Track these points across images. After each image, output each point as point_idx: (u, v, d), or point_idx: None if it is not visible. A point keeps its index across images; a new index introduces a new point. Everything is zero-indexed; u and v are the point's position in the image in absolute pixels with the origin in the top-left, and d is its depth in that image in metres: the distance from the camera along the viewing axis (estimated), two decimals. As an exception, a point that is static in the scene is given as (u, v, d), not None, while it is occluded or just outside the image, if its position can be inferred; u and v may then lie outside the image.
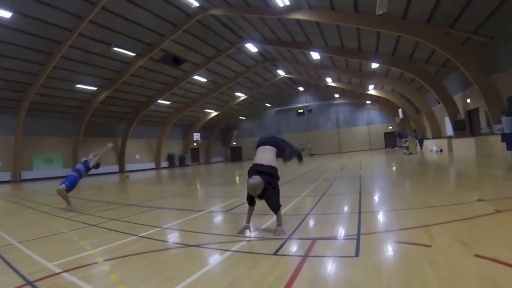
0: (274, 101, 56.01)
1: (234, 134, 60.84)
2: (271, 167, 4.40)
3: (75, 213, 7.41)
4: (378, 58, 24.56)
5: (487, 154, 15.56)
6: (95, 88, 29.54)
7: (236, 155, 61.43)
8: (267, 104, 56.00)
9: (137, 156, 41.62)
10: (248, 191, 4.13)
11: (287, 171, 18.97)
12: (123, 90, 31.71)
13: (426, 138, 32.24)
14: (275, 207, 4.23)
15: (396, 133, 44.16)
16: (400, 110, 39.34)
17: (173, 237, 4.67)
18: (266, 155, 4.61)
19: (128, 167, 38.74)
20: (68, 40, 21.86)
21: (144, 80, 31.94)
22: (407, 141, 25.84)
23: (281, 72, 41.71)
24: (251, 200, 4.36)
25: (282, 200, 4.36)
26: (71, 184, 8.22)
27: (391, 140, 47.86)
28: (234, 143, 61.62)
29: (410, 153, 24.80)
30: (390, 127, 49.27)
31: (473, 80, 17.43)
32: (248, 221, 4.44)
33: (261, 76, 41.99)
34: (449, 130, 27.08)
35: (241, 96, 45.84)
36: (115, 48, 24.41)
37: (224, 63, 34.35)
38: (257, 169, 4.31)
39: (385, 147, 48.69)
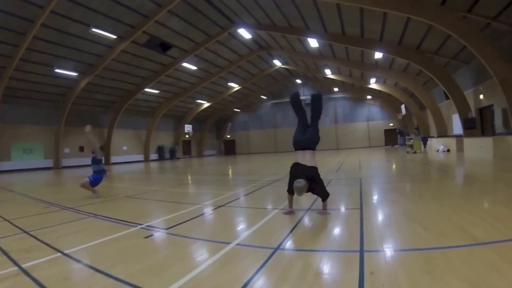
0: (270, 93, 53.82)
1: (228, 127, 58.61)
2: (312, 167, 5.37)
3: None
4: (383, 47, 22.28)
5: (506, 157, 13.36)
6: (75, 74, 27.34)
7: (229, 149, 59.46)
8: (262, 96, 53.72)
9: (125, 148, 39.63)
10: (294, 189, 4.93)
11: (274, 168, 16.99)
12: (107, 77, 29.57)
13: (430, 137, 29.98)
14: (324, 195, 5.28)
15: (397, 131, 42.28)
16: (402, 106, 37.09)
17: None
18: (306, 156, 5.52)
19: (114, 159, 36.76)
20: (39, 18, 19.45)
21: (130, 66, 29.70)
22: (411, 139, 23.57)
23: (277, 62, 39.34)
24: (291, 190, 5.23)
25: (249, 213, 5.04)
26: (95, 182, 9.04)
27: (391, 137, 45.74)
28: (228, 136, 59.45)
29: (414, 152, 22.57)
30: (391, 124, 47.09)
31: (493, 72, 15.17)
32: (291, 206, 5.49)
33: (256, 66, 39.63)
34: (456, 128, 25.01)
35: (235, 86, 43.53)
36: (94, 29, 21.95)
37: (215, 50, 31.99)
38: (301, 169, 5.27)
39: (385, 145, 46.58)
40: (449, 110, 26.67)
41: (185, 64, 31.66)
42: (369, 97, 46.18)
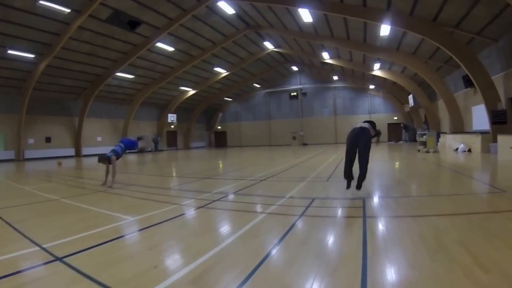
0: (264, 81, 49.43)
1: (219, 117, 54.26)
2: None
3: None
4: (390, 19, 17.70)
5: None
6: (32, 56, 23.73)
7: (220, 141, 55.41)
8: (255, 85, 49.16)
9: (99, 139, 36.14)
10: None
11: (242, 172, 12.84)
12: (70, 59, 25.99)
13: (442, 132, 25.58)
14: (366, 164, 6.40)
15: (402, 125, 38.02)
16: (410, 97, 32.46)
17: None
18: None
19: (86, 150, 33.50)
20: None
21: (94, 47, 25.64)
22: (424, 134, 19.07)
23: (268, 45, 34.72)
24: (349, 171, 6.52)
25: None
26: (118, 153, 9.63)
27: (395, 132, 41.36)
28: (219, 128, 55.32)
29: (427, 152, 18.14)
30: (395, 118, 42.63)
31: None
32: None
33: (245, 48, 35.09)
34: (477, 123, 20.61)
35: (222, 72, 38.98)
36: (42, 2, 18.14)
37: (194, 28, 27.60)
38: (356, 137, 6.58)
39: (388, 141, 42.11)
40: (467, 100, 22.23)
41: (159, 45, 27.60)
42: (371, 86, 41.51)
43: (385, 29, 19.43)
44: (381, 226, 4.29)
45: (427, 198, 5.93)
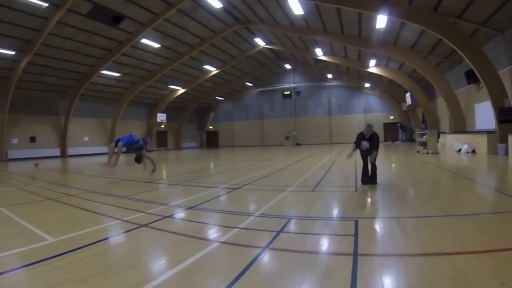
0: (257, 80, 47.93)
1: (211, 117, 52.81)
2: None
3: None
4: (387, 8, 16.22)
5: None
6: (12, 53, 22.56)
7: (212, 141, 54.04)
8: (247, 83, 47.64)
9: (86, 138, 34.93)
10: (363, 132, 7.44)
11: (220, 176, 11.41)
12: (53, 57, 24.88)
13: (441, 132, 24.20)
14: (376, 155, 7.25)
15: (399, 125, 36.71)
16: (408, 95, 31.05)
17: None
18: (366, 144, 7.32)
19: (73, 150, 32.65)
20: None
21: (77, 43, 24.32)
22: (424, 134, 17.57)
23: (259, 42, 33.17)
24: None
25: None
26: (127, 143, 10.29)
27: (391, 132, 40.05)
28: (211, 127, 53.82)
29: (428, 153, 16.71)
30: (392, 117, 41.26)
31: None
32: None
33: (235, 45, 33.56)
34: (480, 122, 19.25)
35: (212, 70, 37.34)
36: None
37: (180, 24, 26.13)
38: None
39: (385, 140, 40.69)
40: (470, 98, 20.84)
41: (145, 41, 26.08)
42: (367, 85, 40.09)
43: (381, 21, 17.96)
44: (380, 276, 2.76)
45: (442, 220, 4.37)
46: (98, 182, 10.34)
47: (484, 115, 18.56)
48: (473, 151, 16.24)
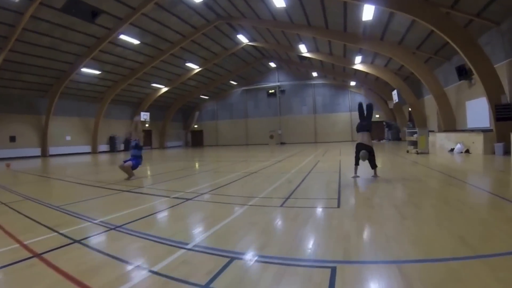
0: (241, 78, 46.79)
1: (196, 116, 51.65)
2: (370, 146, 8.25)
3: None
4: (375, -2, 15.18)
5: None
6: None
7: (197, 140, 52.95)
8: (232, 82, 46.42)
9: (68, 138, 33.80)
10: (360, 157, 8.15)
11: (180, 182, 9.54)
12: (31, 53, 23.88)
13: (430, 131, 23.24)
14: (374, 165, 8.29)
15: (385, 123, 35.85)
16: (394, 93, 30.15)
17: None
18: (365, 137, 8.38)
19: (54, 150, 31.68)
20: None
21: (54, 39, 23.19)
22: (414, 132, 16.52)
23: (242, 38, 31.91)
24: (357, 162, 8.40)
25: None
26: (136, 166, 10.25)
27: (377, 131, 38.98)
28: (195, 126, 52.52)
29: (418, 152, 15.70)
30: (377, 116, 40.31)
31: None
32: (356, 173, 8.46)
33: (217, 42, 32.28)
34: (473, 120, 18.36)
35: (195, 68, 36.02)
36: None
37: (159, 19, 24.88)
38: (363, 148, 8.19)
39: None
40: (461, 95, 19.97)
41: (123, 37, 24.83)
42: (352, 83, 39.17)
43: (368, 12, 16.90)
44: None
45: (467, 265, 2.75)
46: (47, 188, 9.08)
47: (477, 112, 17.72)
48: (467, 151, 15.27)
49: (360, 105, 9.17)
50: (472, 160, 12.13)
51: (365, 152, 8.17)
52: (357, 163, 8.49)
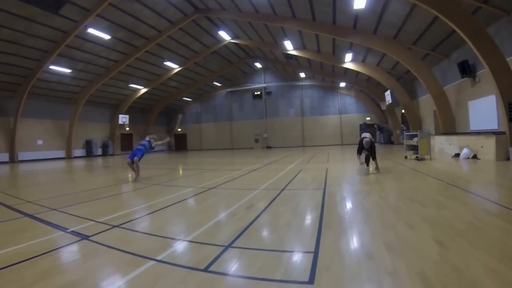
0: (225, 79, 44.68)
1: (179, 119, 49.16)
2: (372, 141, 10.01)
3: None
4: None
5: None
6: None
7: (181, 144, 50.35)
8: (216, 83, 44.06)
9: (39, 142, 30.77)
10: (363, 146, 9.72)
11: (112, 202, 7.02)
12: None
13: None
14: (374, 157, 10.02)
15: (376, 126, 33.98)
16: (387, 93, 28.17)
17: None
18: (368, 134, 10.46)
19: (24, 155, 28.92)
20: None
21: (16, 33, 20.78)
22: (414, 136, 14.30)
23: (224, 35, 29.60)
24: (359, 151, 10.05)
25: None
26: (141, 155, 10.82)
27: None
28: (179, 130, 49.97)
29: (418, 158, 13.64)
30: (368, 118, 38.54)
31: None
32: (362, 162, 10.54)
33: (197, 39, 30.05)
34: (476, 122, 16.44)
35: (175, 67, 33.72)
36: None
37: (131, 12, 22.63)
38: (366, 141, 9.70)
39: (361, 143, 37.96)
40: (462, 94, 18.01)
41: (92, 31, 22.32)
42: (342, 84, 37.13)
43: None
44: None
45: None
46: None
47: (482, 113, 15.77)
48: (474, 156, 13.24)
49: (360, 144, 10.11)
50: (487, 169, 10.02)
51: (368, 137, 9.73)
52: (359, 152, 10.11)
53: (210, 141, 47.30)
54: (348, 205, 5.57)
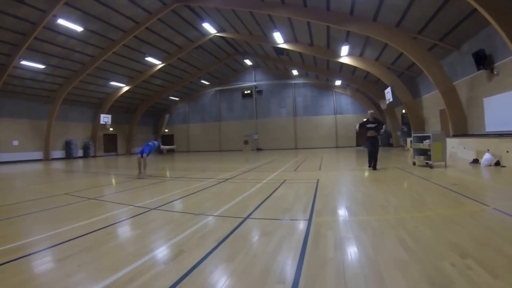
0: (214, 78, 42.14)
1: (166, 119, 46.75)
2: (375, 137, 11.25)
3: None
4: None
5: None
6: None
7: (168, 145, 46.66)
8: (204, 81, 41.50)
9: (15, 143, 29.02)
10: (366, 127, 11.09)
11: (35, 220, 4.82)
12: None
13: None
14: (377, 156, 10.93)
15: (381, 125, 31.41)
16: (388, 90, 25.69)
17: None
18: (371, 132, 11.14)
19: None
20: None
21: None
22: (426, 138, 11.68)
23: (209, 28, 27.06)
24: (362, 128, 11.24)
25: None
26: (149, 151, 11.66)
27: (365, 136, 34.68)
28: (166, 131, 47.49)
29: (428, 164, 11.20)
30: (365, 119, 35.77)
31: None
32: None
33: (180, 32, 27.57)
34: (494, 122, 14.05)
35: (157, 63, 31.15)
36: None
37: (104, 0, 20.54)
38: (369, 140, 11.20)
39: (357, 145, 35.69)
40: (475, 90, 15.62)
41: (62, 22, 20.24)
42: (337, 83, 34.66)
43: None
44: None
45: None
46: None
47: (500, 111, 13.33)
48: (497, 163, 10.81)
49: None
50: (485, 174, 7.67)
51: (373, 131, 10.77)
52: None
53: (198, 143, 44.84)
54: (350, 266, 3.01)
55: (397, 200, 5.90)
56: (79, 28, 21.42)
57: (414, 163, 12.29)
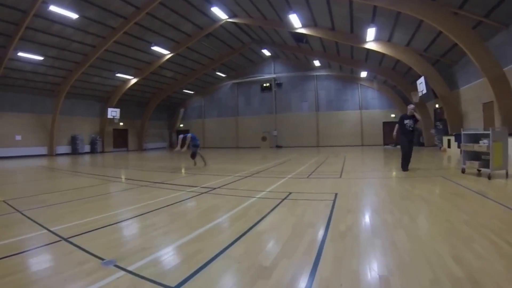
0: (230, 69, 39.56)
1: (180, 114, 44.69)
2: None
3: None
4: None
5: None
6: None
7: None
8: (219, 74, 38.77)
9: (18, 137, 28.13)
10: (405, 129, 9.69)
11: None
12: None
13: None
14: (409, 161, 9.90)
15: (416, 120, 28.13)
16: (421, 81, 22.21)
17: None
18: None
19: (0, 152, 26.19)
20: None
21: None
22: (481, 137, 8.51)
23: (219, 12, 24.35)
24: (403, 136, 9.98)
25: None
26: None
27: (392, 134, 31.41)
28: (181, 126, 45.28)
29: (489, 176, 8.12)
30: (393, 115, 32.54)
31: None
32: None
33: (186, 18, 25.07)
34: None
35: (165, 53, 28.91)
36: None
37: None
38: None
39: (384, 144, 32.42)
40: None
41: (55, 9, 18.43)
42: (363, 74, 31.28)
43: None
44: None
45: None
46: None
47: None
48: None
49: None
50: None
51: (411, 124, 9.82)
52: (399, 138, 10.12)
53: (214, 139, 42.50)
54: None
55: (471, 254, 2.98)
56: (74, 15, 19.53)
57: (463, 171, 9.17)
